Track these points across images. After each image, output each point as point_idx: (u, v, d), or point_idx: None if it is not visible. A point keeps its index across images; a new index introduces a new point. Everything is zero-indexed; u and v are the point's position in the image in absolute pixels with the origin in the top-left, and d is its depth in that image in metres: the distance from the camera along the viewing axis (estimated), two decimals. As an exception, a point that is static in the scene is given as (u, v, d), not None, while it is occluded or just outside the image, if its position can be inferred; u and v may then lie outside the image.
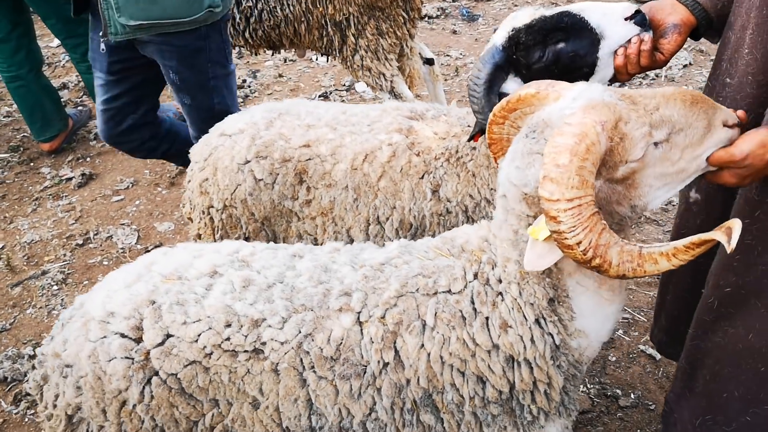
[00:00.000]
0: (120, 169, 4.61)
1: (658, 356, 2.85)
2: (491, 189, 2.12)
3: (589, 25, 1.79)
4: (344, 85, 5.51)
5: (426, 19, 6.63)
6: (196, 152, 2.43)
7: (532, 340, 1.49)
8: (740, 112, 1.46)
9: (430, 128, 2.28)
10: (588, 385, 2.80)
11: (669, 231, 3.72)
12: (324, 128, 2.31)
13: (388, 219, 2.23)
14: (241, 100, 5.34)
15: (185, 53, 2.93)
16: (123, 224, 4.02)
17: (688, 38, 1.80)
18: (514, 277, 1.50)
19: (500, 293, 1.52)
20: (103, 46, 2.86)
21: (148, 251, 3.81)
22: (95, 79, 3.13)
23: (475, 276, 1.55)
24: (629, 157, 1.35)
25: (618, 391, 2.78)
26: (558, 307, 1.51)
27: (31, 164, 4.70)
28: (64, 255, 3.81)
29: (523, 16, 1.84)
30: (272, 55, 5.32)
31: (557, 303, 1.51)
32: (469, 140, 2.02)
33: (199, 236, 2.47)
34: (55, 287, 3.57)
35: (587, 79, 1.87)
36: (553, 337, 1.51)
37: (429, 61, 4.13)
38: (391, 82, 3.65)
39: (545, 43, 1.82)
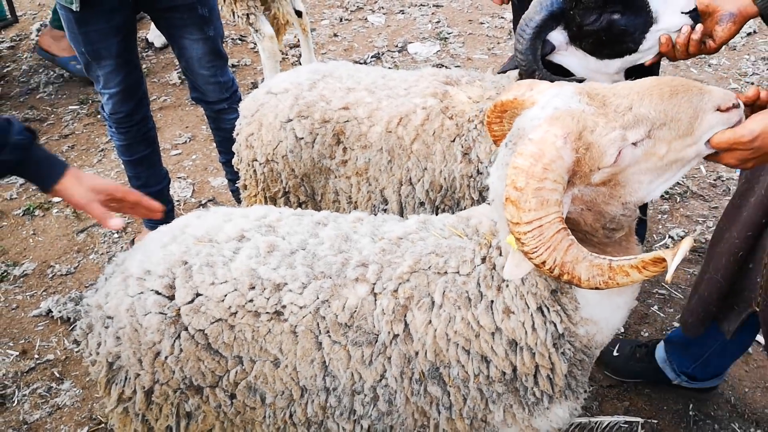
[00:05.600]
0: (179, 124, 4.79)
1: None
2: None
3: (648, 7, 1.82)
4: (397, 46, 5.48)
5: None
6: (244, 107, 2.54)
7: (534, 328, 1.51)
8: (759, 90, 1.39)
9: (465, 93, 2.31)
10: (619, 360, 2.80)
11: (715, 207, 3.59)
12: (363, 92, 2.37)
13: (419, 180, 2.29)
14: (296, 59, 5.40)
15: None
16: (179, 177, 4.21)
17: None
18: (518, 278, 1.50)
19: (505, 279, 1.53)
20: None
21: (202, 204, 4.01)
22: (102, 71, 3.00)
23: (483, 260, 1.57)
24: (600, 164, 1.31)
25: (648, 367, 2.77)
26: (561, 297, 1.51)
27: (98, 116, 4.93)
28: (125, 205, 4.04)
29: None
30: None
31: (560, 293, 1.51)
32: (500, 72, 2.13)
33: (245, 186, 2.61)
34: (116, 235, 3.81)
35: (630, 53, 1.91)
36: (555, 326, 1.52)
37: (298, 14, 4.58)
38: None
39: (603, 9, 1.84)
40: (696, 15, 1.78)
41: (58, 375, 2.93)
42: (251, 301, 1.64)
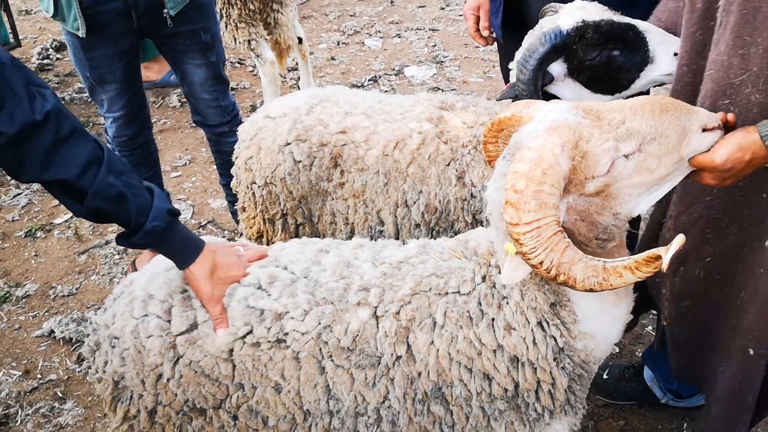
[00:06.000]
0: (179, 146, 4.85)
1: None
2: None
3: (646, 47, 1.91)
4: (393, 69, 5.58)
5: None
6: (243, 131, 2.59)
7: (535, 342, 1.55)
8: (726, 115, 1.49)
9: (459, 118, 2.38)
10: (615, 380, 2.82)
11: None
12: (360, 116, 2.43)
13: (415, 203, 2.35)
14: (295, 82, 5.49)
15: (208, 9, 3.09)
16: (179, 199, 4.25)
17: None
18: (515, 283, 1.55)
19: (505, 297, 1.58)
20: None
21: (202, 226, 4.05)
22: (107, 95, 3.07)
23: (483, 279, 1.61)
24: (594, 173, 1.38)
25: (644, 388, 2.79)
26: (560, 311, 1.55)
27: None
28: (126, 227, 4.07)
29: (593, 10, 1.95)
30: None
31: (559, 307, 1.55)
32: (498, 99, 2.19)
33: (244, 209, 2.65)
34: (117, 256, 3.84)
35: (621, 91, 2.01)
36: (555, 340, 1.56)
37: (299, 40, 4.73)
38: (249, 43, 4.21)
39: (604, 46, 1.94)
40: None
41: (60, 395, 2.94)
42: (251, 333, 1.65)
